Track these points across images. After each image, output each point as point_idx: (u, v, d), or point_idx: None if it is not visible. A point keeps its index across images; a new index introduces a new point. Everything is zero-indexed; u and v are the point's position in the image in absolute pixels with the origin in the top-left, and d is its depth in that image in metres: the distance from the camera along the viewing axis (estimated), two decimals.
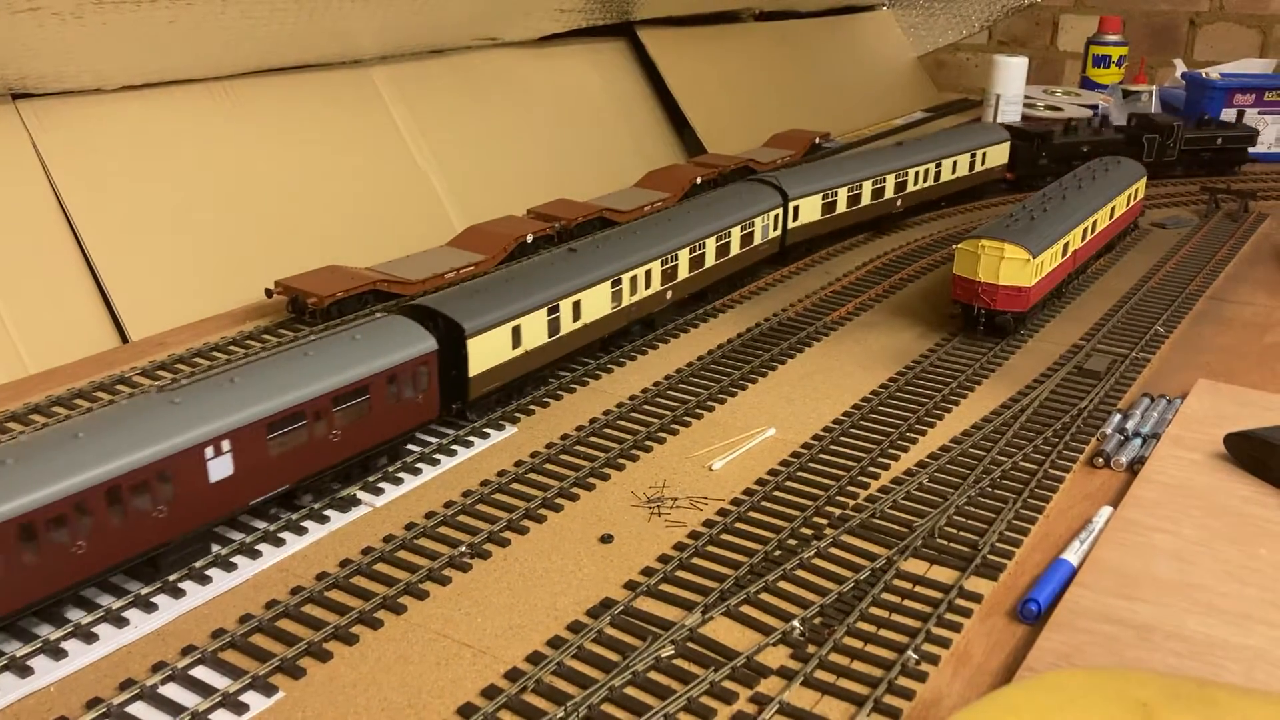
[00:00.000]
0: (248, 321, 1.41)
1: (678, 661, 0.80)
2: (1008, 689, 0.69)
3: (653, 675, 0.78)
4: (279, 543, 0.94)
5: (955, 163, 2.02)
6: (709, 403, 1.23)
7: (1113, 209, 1.70)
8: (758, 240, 1.60)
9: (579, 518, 1.00)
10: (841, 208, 1.78)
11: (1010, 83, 2.60)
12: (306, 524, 0.97)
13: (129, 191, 1.49)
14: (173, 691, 0.76)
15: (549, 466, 1.08)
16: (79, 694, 0.76)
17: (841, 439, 1.14)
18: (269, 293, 1.42)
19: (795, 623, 0.83)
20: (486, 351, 1.15)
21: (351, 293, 1.40)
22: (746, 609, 0.86)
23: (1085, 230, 1.58)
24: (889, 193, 1.88)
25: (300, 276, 1.43)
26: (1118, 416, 1.17)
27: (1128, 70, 3.05)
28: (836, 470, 1.07)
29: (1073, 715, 0.63)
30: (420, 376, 1.07)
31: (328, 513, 0.99)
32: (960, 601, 0.86)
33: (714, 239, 1.50)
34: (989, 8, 3.40)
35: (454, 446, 1.11)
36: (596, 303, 1.29)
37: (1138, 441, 1.11)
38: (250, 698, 0.76)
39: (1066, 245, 1.50)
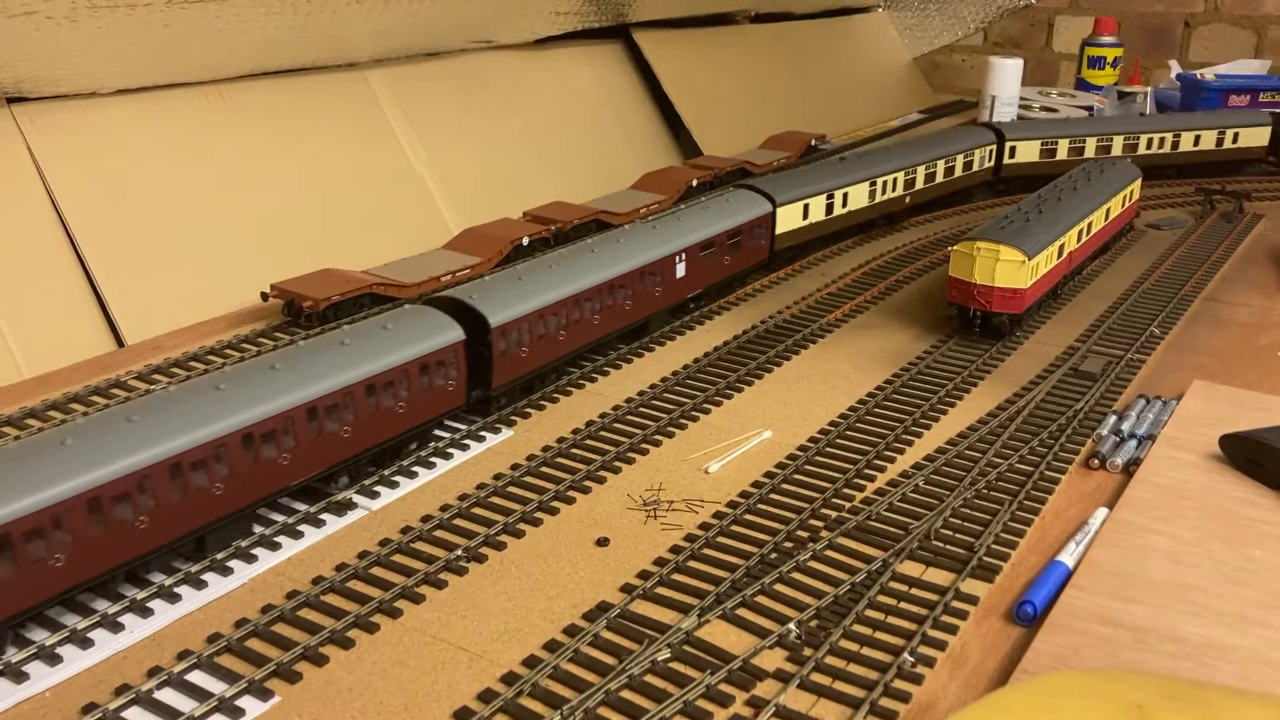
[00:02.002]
0: (243, 325, 1.41)
1: (674, 665, 0.80)
2: (1003, 691, 0.69)
3: (649, 679, 0.78)
4: (275, 547, 0.94)
5: (1198, 136, 2.28)
6: (705, 405, 1.23)
7: (1108, 210, 1.70)
8: (975, 168, 2.08)
9: (575, 521, 1.00)
10: (1062, 155, 2.16)
11: (1005, 84, 2.60)
12: (302, 528, 0.97)
13: (124, 195, 1.49)
14: (168, 696, 0.76)
15: (545, 470, 1.08)
16: (75, 699, 0.76)
17: (838, 441, 1.14)
18: (265, 296, 1.41)
19: (791, 626, 0.83)
20: (787, 219, 1.65)
21: (347, 296, 1.40)
22: (743, 612, 0.86)
23: (1081, 232, 1.58)
24: (1116, 150, 2.22)
25: (296, 280, 1.43)
26: (1113, 418, 1.17)
27: (1122, 71, 3.06)
28: (832, 473, 1.07)
29: (1068, 717, 0.63)
30: (762, 231, 1.60)
31: (323, 517, 0.99)
32: (956, 604, 0.87)
33: (943, 161, 1.99)
34: (984, 9, 3.40)
35: (450, 450, 1.11)
36: (858, 196, 1.79)
37: (1133, 443, 1.12)
38: (246, 702, 0.76)
39: (1062, 247, 1.51)
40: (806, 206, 1.68)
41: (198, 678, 0.78)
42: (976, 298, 1.40)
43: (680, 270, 1.41)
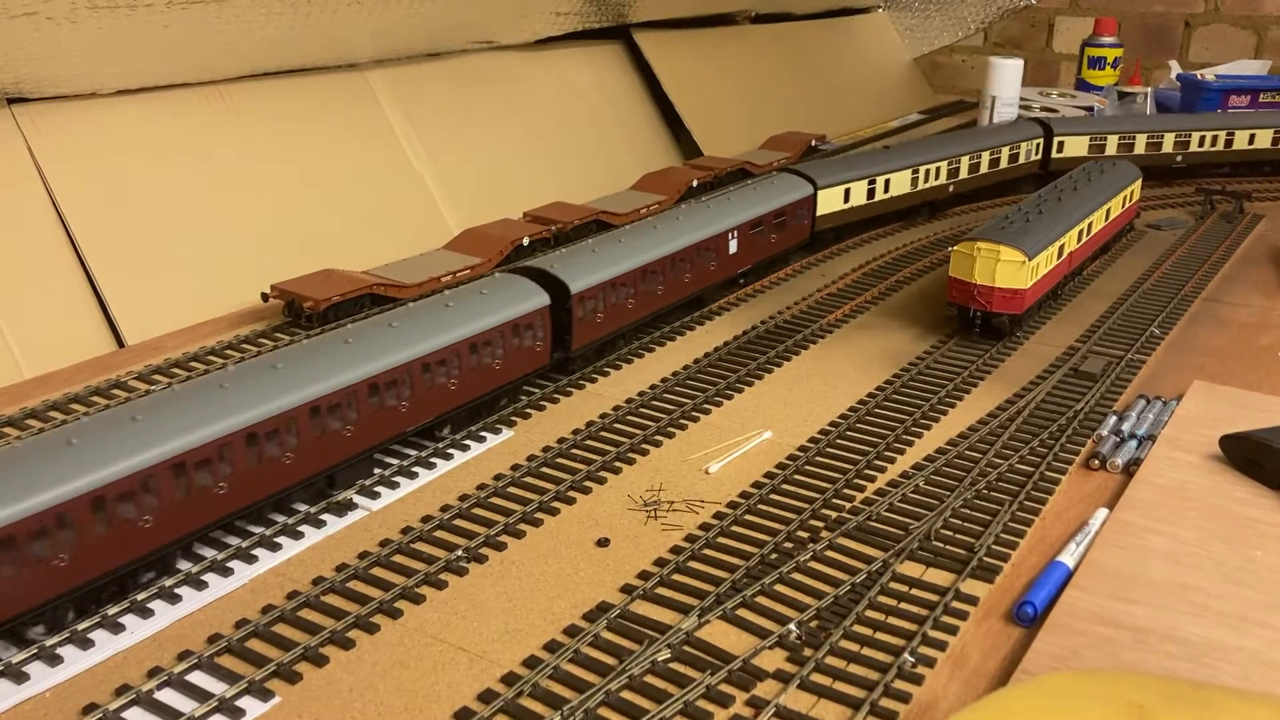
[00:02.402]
0: (244, 325, 1.41)
1: (674, 665, 0.80)
2: (1004, 692, 0.69)
3: (649, 679, 0.78)
4: (275, 548, 0.94)
5: (1253, 135, 2.32)
6: (705, 406, 1.23)
7: (1108, 211, 1.70)
8: (1021, 160, 2.16)
9: (575, 521, 1.00)
10: (1111, 150, 2.23)
11: (1006, 84, 2.60)
12: (303, 528, 0.97)
13: (124, 195, 1.49)
14: (169, 697, 0.76)
15: (545, 470, 1.08)
16: (75, 699, 0.76)
17: (838, 442, 1.14)
18: (265, 297, 1.41)
19: (792, 626, 0.83)
20: (828, 201, 1.77)
21: (348, 296, 1.40)
22: (743, 612, 0.86)
23: (1081, 232, 1.58)
24: (1167, 148, 2.28)
25: (296, 280, 1.43)
26: (1113, 418, 1.17)
27: (1123, 72, 3.06)
28: (833, 473, 1.07)
29: (1069, 718, 0.63)
30: (804, 212, 1.73)
31: (324, 517, 0.99)
32: (956, 604, 0.87)
33: (988, 153, 2.07)
34: (984, 10, 3.40)
35: (450, 450, 1.11)
36: (900, 183, 1.91)
37: (1133, 443, 1.12)
38: (247, 703, 0.76)
39: (1062, 247, 1.51)
40: (848, 190, 1.80)
41: (198, 678, 0.78)
42: (977, 298, 1.40)
43: (733, 246, 1.54)
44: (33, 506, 0.77)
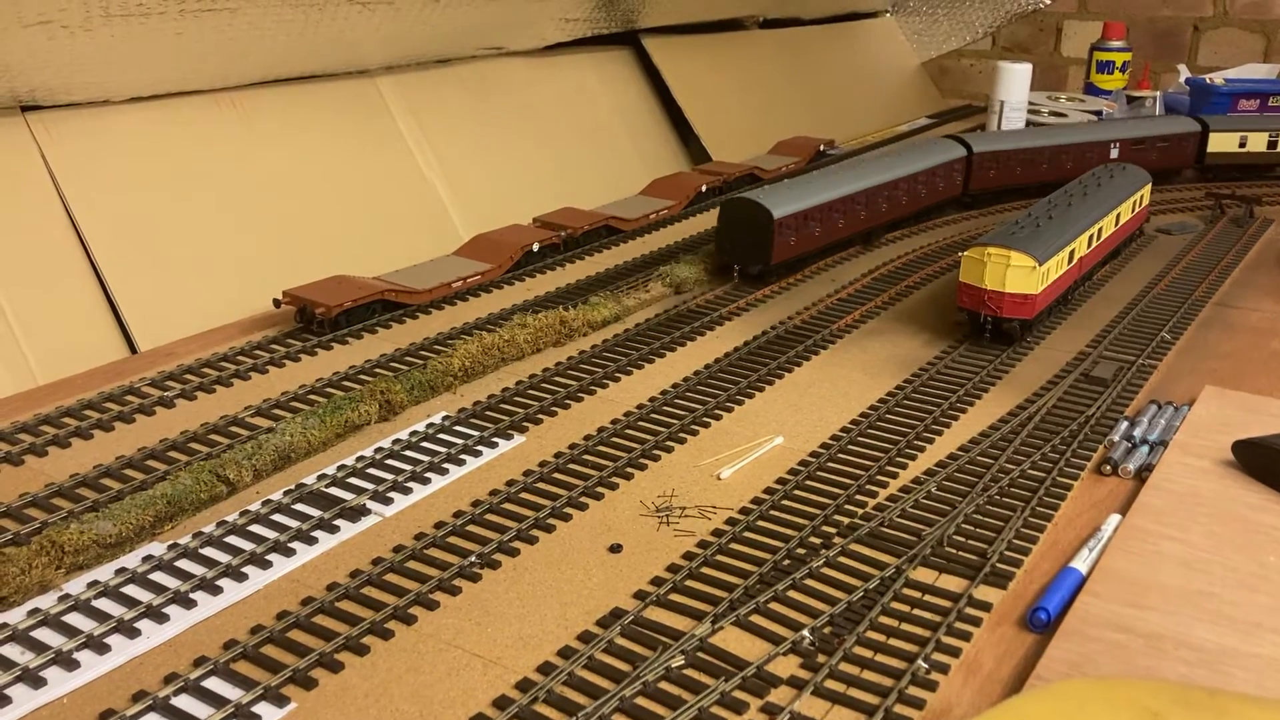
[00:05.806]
0: (256, 331, 1.41)
1: (688, 671, 0.80)
2: (1018, 698, 0.69)
3: (663, 685, 0.78)
4: (289, 553, 0.94)
5: None
6: (716, 411, 1.23)
7: (1118, 215, 1.70)
8: None
9: (588, 527, 1.00)
10: None
11: (1014, 89, 2.60)
12: (317, 534, 0.97)
13: (137, 202, 1.50)
14: (185, 703, 0.76)
15: (557, 476, 1.08)
16: (92, 705, 0.77)
17: (849, 447, 1.14)
18: (277, 303, 1.42)
19: (805, 632, 0.83)
20: (1221, 142, 2.28)
21: (359, 302, 1.40)
22: (756, 618, 0.86)
23: (1091, 237, 1.58)
24: None
25: (308, 286, 1.43)
26: (1125, 424, 1.17)
27: (1131, 76, 3.06)
28: (845, 479, 1.08)
29: None
30: (1189, 145, 2.26)
31: (338, 523, 0.99)
32: (970, 610, 0.87)
33: None
34: (992, 14, 3.40)
35: (463, 456, 1.12)
36: (1257, 141, 2.32)
37: (1145, 449, 1.11)
38: (262, 709, 0.76)
39: (1072, 252, 1.51)
40: (1244, 138, 2.29)
41: (214, 684, 0.78)
42: (987, 303, 1.40)
43: (1113, 153, 2.14)
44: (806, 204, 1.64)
